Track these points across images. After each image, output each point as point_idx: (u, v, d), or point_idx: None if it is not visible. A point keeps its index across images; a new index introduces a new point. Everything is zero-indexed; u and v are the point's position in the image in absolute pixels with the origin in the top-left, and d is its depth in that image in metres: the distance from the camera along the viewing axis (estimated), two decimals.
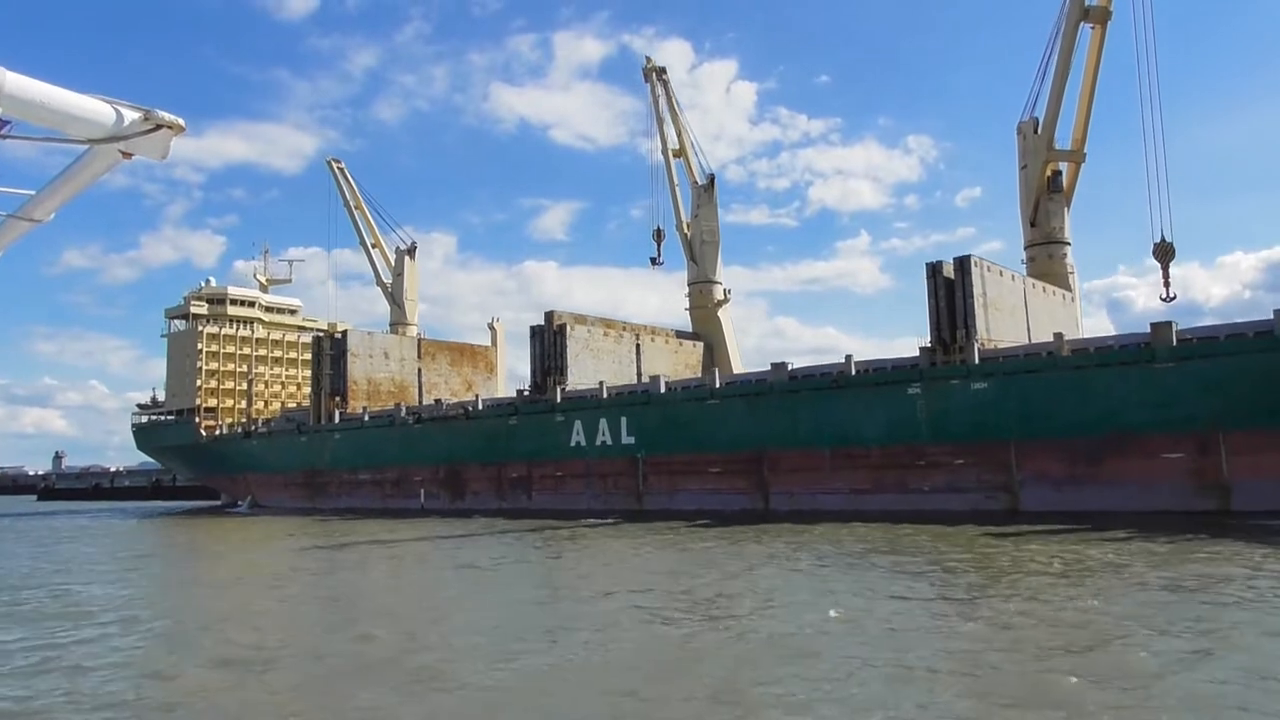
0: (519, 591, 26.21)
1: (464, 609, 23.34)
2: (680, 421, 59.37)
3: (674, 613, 20.88)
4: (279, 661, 16.96)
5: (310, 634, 20.41)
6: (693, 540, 38.83)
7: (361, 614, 23.04)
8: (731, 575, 27.26)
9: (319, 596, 27.36)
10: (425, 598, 26.43)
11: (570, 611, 22.19)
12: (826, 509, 51.15)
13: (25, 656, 17.90)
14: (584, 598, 24.36)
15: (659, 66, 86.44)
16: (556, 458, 65.09)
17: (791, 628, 18.56)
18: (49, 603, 25.90)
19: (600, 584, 26.64)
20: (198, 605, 24.03)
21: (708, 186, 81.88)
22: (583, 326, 69.89)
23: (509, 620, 20.85)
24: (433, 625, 20.62)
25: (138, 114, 5.76)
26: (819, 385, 53.98)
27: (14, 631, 20.94)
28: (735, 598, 23.07)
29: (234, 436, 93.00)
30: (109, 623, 21.89)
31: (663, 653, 16.97)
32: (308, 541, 47.77)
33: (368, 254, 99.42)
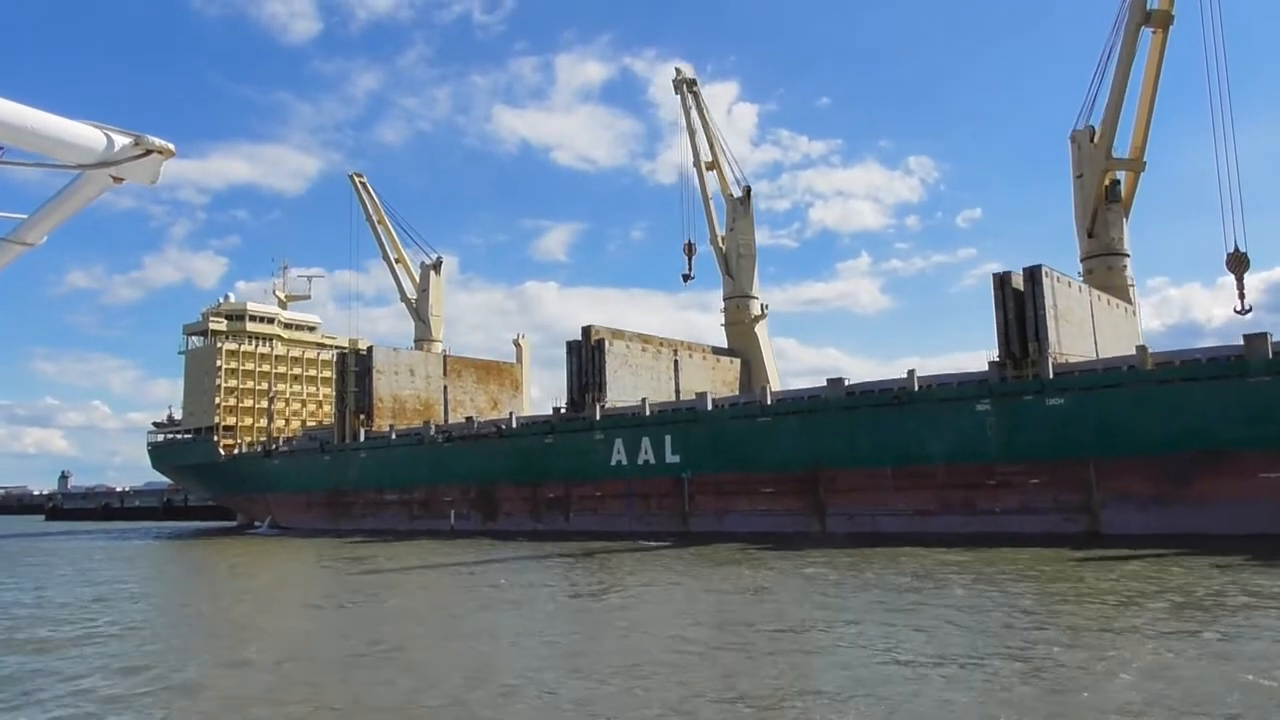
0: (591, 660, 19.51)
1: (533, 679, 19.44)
2: (729, 440, 57.12)
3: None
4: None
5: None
6: (775, 575, 35.69)
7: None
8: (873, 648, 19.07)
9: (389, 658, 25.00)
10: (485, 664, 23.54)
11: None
12: (888, 531, 48.93)
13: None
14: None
15: (690, 78, 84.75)
16: (596, 477, 62.80)
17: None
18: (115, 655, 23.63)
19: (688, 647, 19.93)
20: (254, 677, 20.18)
21: (743, 199, 80.00)
22: (621, 342, 67.74)
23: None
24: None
25: (128, 139, 5.71)
26: (879, 401, 51.75)
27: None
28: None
29: (254, 455, 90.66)
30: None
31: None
32: (345, 570, 45.42)
33: (391, 269, 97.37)
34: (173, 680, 18.08)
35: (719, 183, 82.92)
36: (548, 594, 30.82)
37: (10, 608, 30.81)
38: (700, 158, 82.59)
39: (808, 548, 44.39)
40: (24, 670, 19.24)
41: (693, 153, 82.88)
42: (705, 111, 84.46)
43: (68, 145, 5.44)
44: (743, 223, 78.99)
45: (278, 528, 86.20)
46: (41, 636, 23.91)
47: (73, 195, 5.98)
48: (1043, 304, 47.51)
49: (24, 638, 23.78)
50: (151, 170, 5.83)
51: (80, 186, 5.91)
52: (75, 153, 5.50)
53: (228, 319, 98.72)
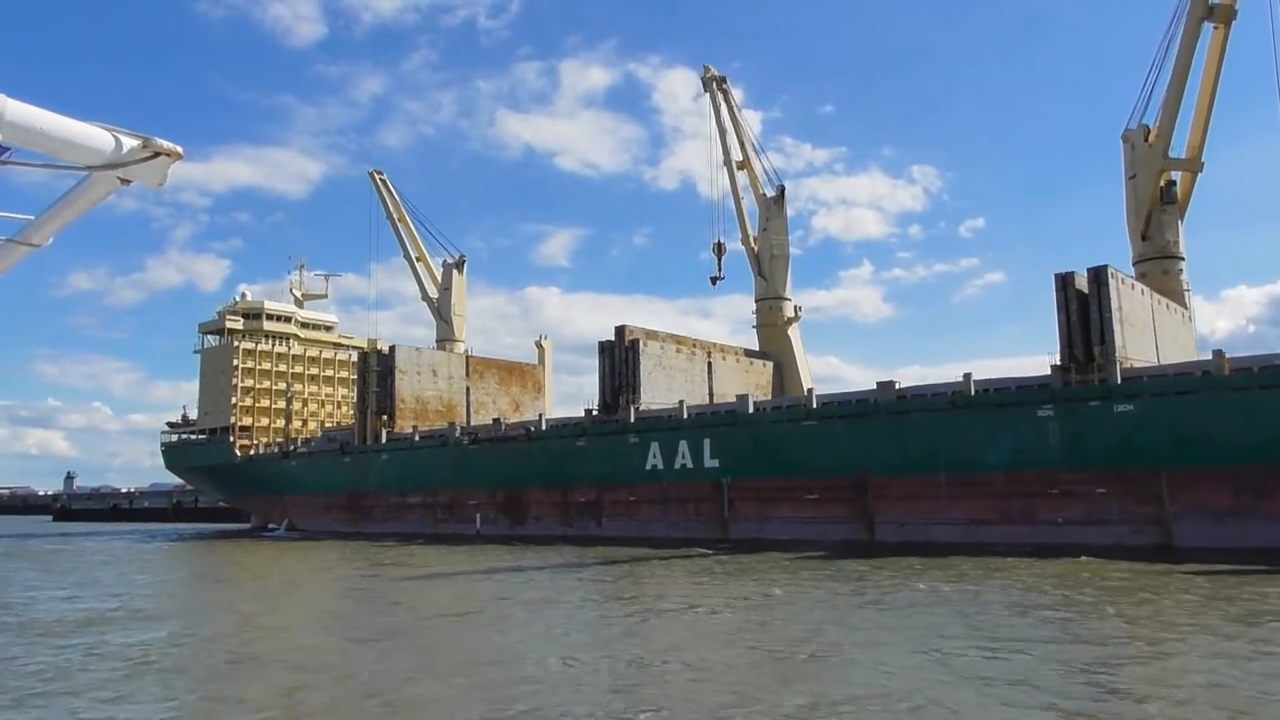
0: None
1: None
2: (772, 444, 55.25)
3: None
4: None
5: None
6: (839, 591, 33.54)
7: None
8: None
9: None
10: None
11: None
12: (942, 541, 46.97)
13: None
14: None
15: (719, 76, 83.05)
16: (630, 481, 60.92)
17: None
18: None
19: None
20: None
21: (777, 198, 78.20)
22: (655, 343, 65.92)
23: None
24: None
25: (136, 141, 5.67)
26: (932, 406, 49.89)
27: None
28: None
29: (271, 456, 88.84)
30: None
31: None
32: (378, 575, 43.54)
33: (412, 268, 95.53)
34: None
35: (749, 182, 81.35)
36: (614, 610, 28.92)
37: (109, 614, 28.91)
38: (730, 156, 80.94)
39: (862, 556, 42.59)
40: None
41: (723, 151, 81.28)
42: (735, 109, 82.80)
43: (76, 147, 5.39)
44: (776, 222, 77.20)
45: (295, 530, 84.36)
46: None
47: (80, 197, 5.92)
48: (1109, 306, 45.64)
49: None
50: (159, 172, 5.76)
51: (88, 188, 5.85)
52: (84, 154, 5.44)
53: (244, 317, 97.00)
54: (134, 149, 5.65)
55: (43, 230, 6.16)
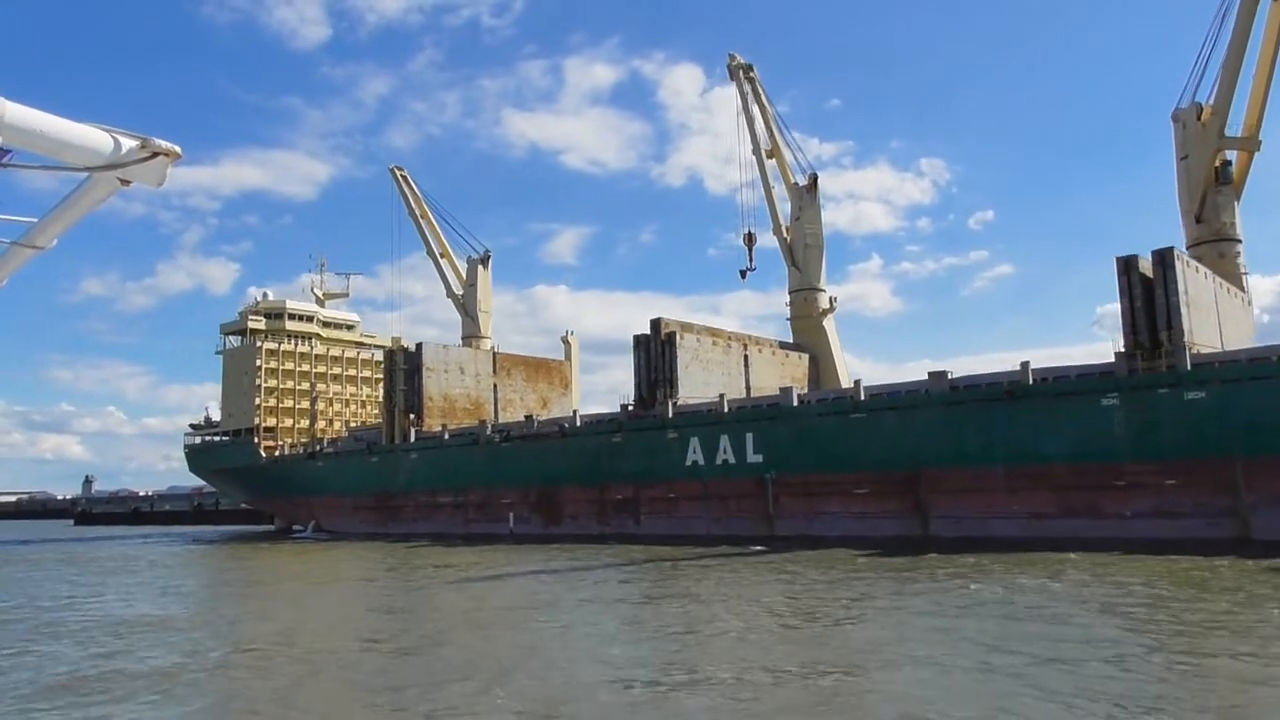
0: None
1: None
2: (818, 437, 53.65)
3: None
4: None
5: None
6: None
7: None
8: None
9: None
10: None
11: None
12: (1001, 535, 45.27)
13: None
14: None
15: (745, 63, 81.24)
16: (669, 478, 59.40)
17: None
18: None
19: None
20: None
21: (809, 186, 76.45)
22: (691, 335, 64.31)
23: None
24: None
25: (135, 142, 5.70)
26: (988, 396, 48.22)
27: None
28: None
29: (297, 457, 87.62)
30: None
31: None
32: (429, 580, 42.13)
33: (436, 264, 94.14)
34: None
35: (780, 171, 79.58)
36: (678, 618, 27.39)
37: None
38: (760, 145, 79.21)
39: (922, 552, 41.01)
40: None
41: (751, 140, 79.53)
42: (763, 96, 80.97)
43: (75, 148, 5.41)
44: (809, 211, 75.47)
45: (322, 532, 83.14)
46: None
47: (81, 198, 5.95)
48: (1175, 290, 43.82)
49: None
50: (158, 172, 5.76)
51: (88, 189, 5.87)
52: (83, 155, 5.45)
53: (266, 317, 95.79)
54: (132, 149, 5.65)
55: (46, 232, 6.16)
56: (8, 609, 31.96)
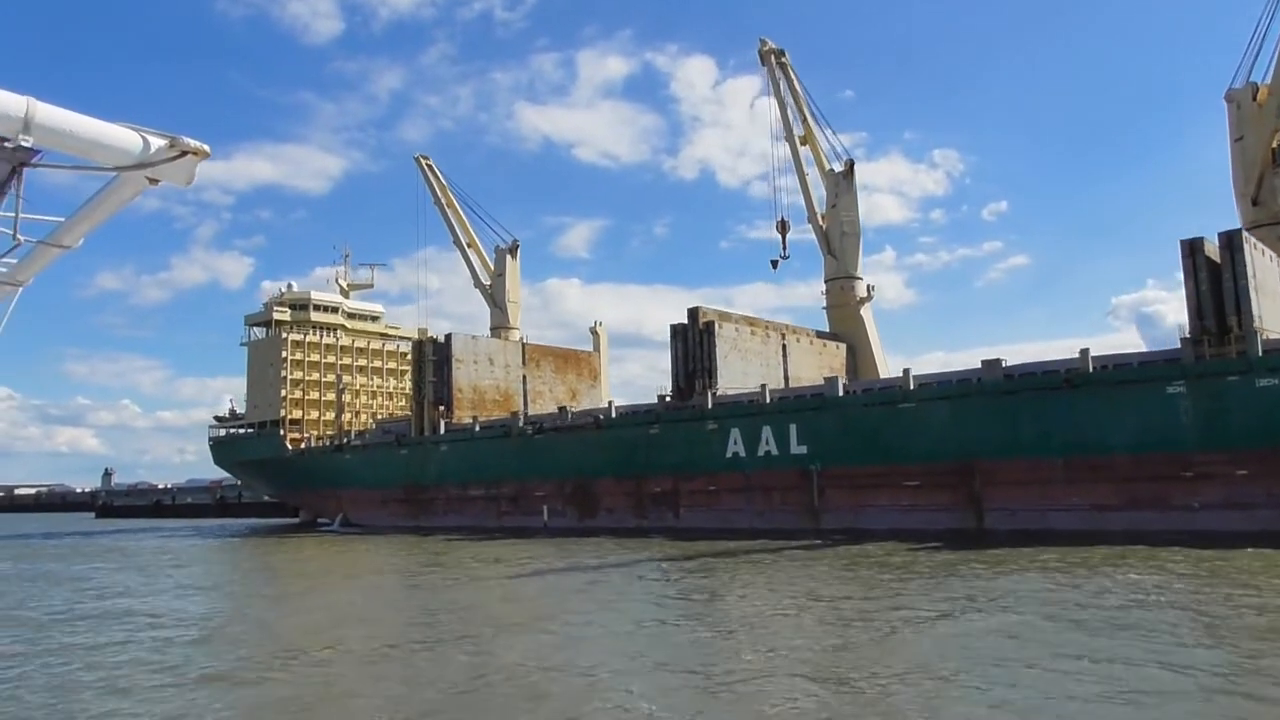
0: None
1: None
2: (865, 428, 52.34)
3: None
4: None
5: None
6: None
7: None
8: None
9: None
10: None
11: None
12: (1060, 528, 43.97)
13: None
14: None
15: (777, 49, 79.75)
16: (709, 470, 58.20)
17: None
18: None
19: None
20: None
21: (846, 173, 75.00)
22: (730, 324, 63.02)
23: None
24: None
25: (164, 141, 5.67)
26: (1045, 384, 46.81)
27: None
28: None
29: (324, 450, 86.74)
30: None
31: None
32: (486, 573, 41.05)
33: (463, 254, 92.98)
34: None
35: (813, 157, 78.16)
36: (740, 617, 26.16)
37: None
38: (792, 132, 77.77)
39: (982, 546, 39.77)
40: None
41: (785, 126, 78.13)
42: (796, 83, 79.46)
43: (105, 148, 5.39)
44: (846, 199, 74.02)
45: (349, 525, 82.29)
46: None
47: (109, 197, 5.89)
48: (1244, 274, 42.32)
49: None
50: (186, 171, 5.76)
51: (116, 188, 5.84)
52: (112, 155, 5.46)
53: (291, 308, 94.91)
54: (161, 149, 5.56)
55: (73, 232, 6.08)
56: (97, 605, 31.12)
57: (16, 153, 5.19)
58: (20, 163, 5.31)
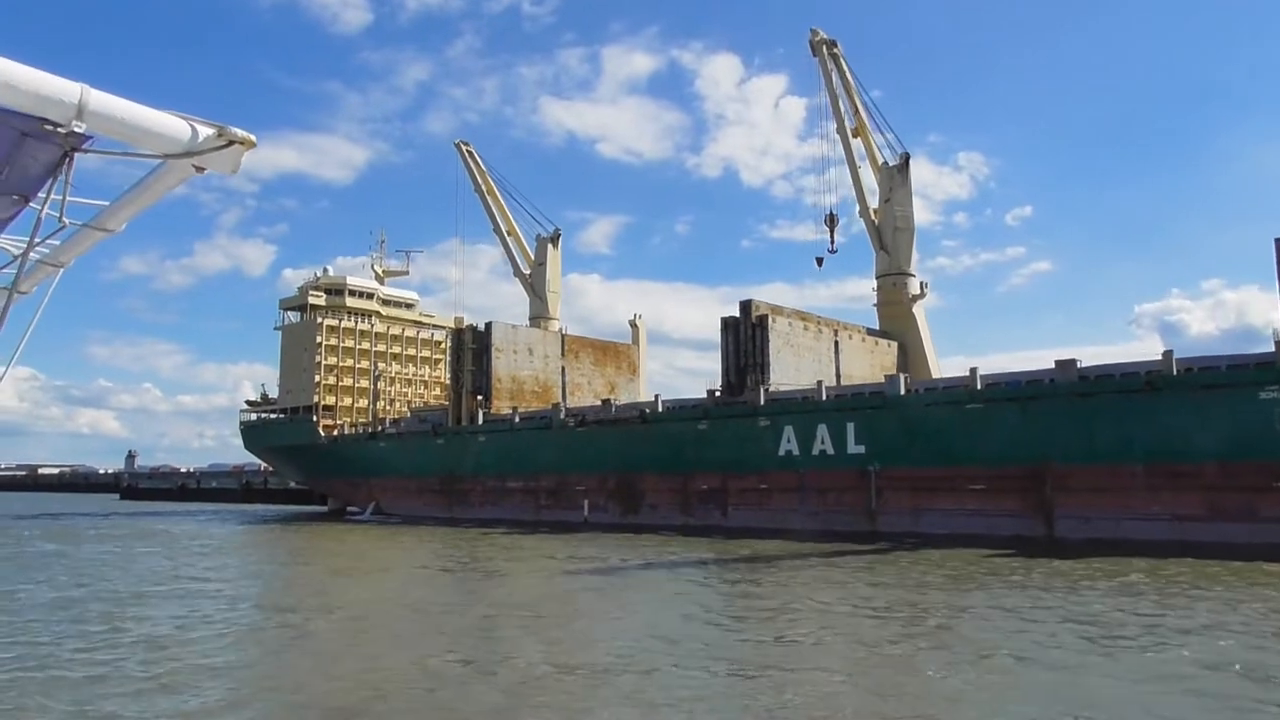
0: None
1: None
2: (928, 429, 50.36)
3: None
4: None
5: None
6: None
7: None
8: None
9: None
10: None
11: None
12: (1138, 538, 41.81)
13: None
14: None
15: (829, 39, 77.73)
16: (760, 468, 56.38)
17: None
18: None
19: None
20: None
21: (901, 166, 72.91)
22: (783, 319, 61.20)
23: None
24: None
25: (211, 130, 5.59)
26: (1124, 387, 44.68)
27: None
28: None
29: (359, 437, 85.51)
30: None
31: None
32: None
33: (503, 242, 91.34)
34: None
35: (865, 150, 76.15)
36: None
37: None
38: (845, 124, 75.72)
39: (1053, 555, 37.85)
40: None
41: (836, 119, 76.09)
42: (848, 74, 77.45)
43: (154, 135, 5.39)
44: (900, 193, 71.91)
45: (381, 514, 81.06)
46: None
47: (154, 184, 5.94)
48: None
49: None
50: (233, 161, 5.75)
51: (162, 175, 5.87)
52: (161, 143, 5.48)
53: (327, 293, 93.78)
54: (209, 137, 5.54)
55: (118, 216, 6.22)
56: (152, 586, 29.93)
57: (69, 138, 5.20)
58: (72, 148, 5.35)
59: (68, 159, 5.41)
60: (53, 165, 5.45)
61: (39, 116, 5.00)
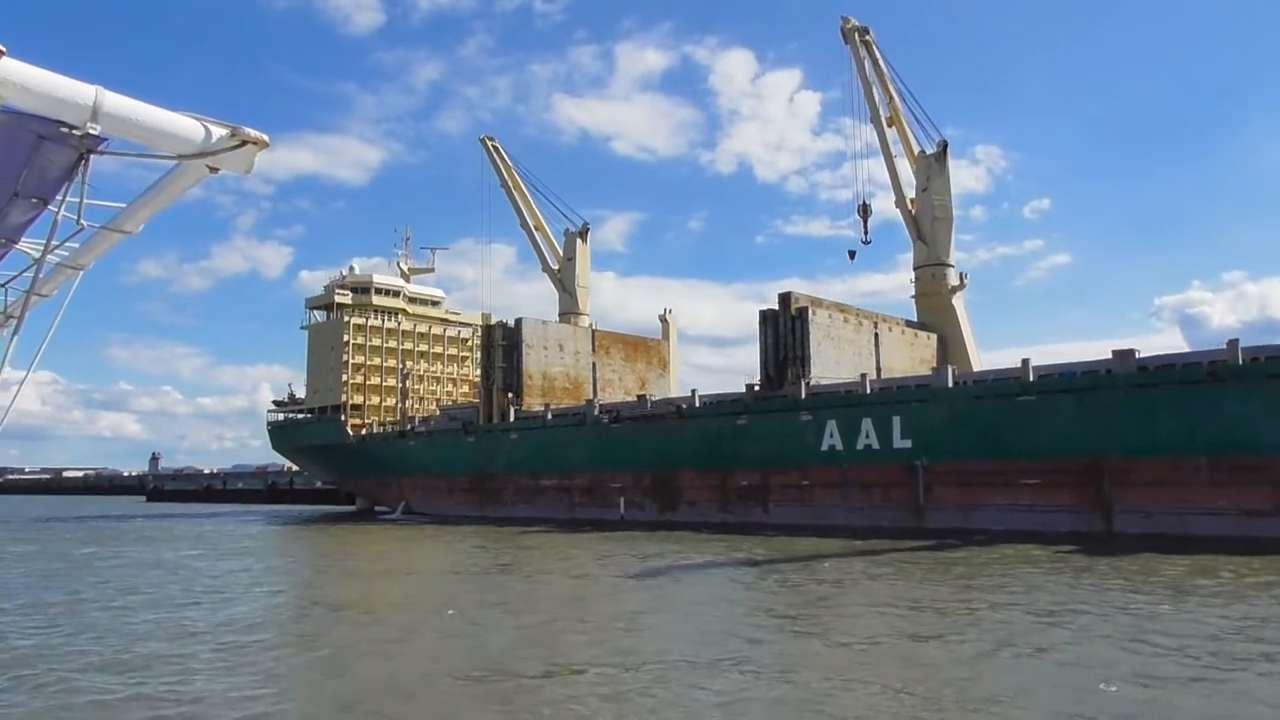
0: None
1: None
2: (978, 422, 49.06)
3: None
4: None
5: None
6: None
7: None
8: None
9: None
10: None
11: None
12: (1203, 534, 40.39)
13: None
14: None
15: (861, 26, 76.27)
16: (802, 464, 55.18)
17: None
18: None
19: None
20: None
21: (939, 155, 71.35)
22: (823, 310, 59.95)
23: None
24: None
25: (225, 130, 5.65)
26: (1187, 378, 43.20)
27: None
28: None
29: (388, 436, 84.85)
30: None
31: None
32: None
33: (530, 237, 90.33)
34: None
35: (901, 139, 74.68)
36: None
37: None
38: (879, 112, 74.28)
39: (1117, 551, 36.43)
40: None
41: (870, 107, 74.65)
42: (881, 61, 75.96)
43: (168, 136, 5.43)
44: (938, 181, 70.37)
45: (411, 513, 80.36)
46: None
47: (170, 185, 5.95)
48: None
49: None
50: (246, 161, 5.80)
51: (177, 177, 5.90)
52: (175, 144, 5.51)
53: (354, 292, 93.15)
54: (222, 138, 5.59)
55: (135, 218, 6.22)
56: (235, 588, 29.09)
57: (84, 140, 5.24)
58: (88, 150, 5.37)
59: (84, 161, 5.39)
60: (69, 168, 5.43)
61: (55, 119, 4.98)
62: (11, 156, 5.38)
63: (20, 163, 5.41)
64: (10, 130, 5.11)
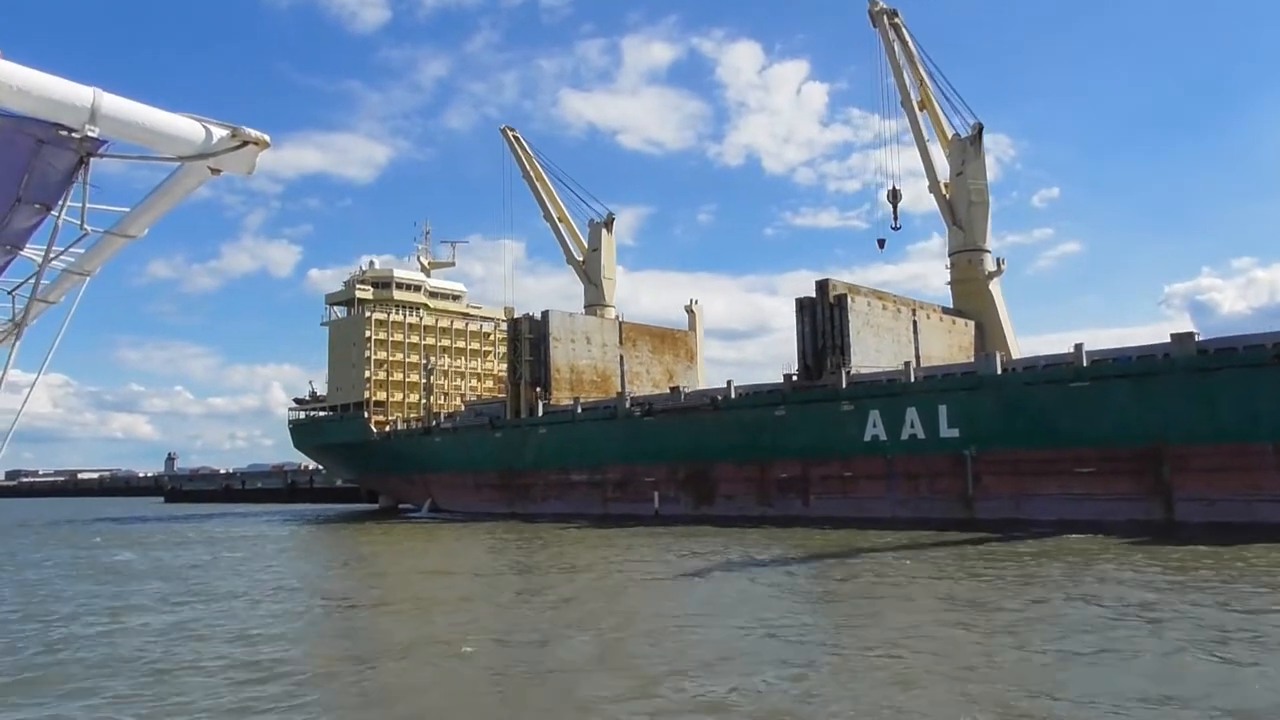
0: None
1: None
2: (1029, 409, 47.73)
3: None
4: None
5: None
6: None
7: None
8: None
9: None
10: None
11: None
12: (1271, 521, 39.10)
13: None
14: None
15: (889, 8, 74.85)
16: (844, 455, 53.94)
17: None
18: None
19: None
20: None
21: (974, 138, 69.99)
22: (861, 298, 58.67)
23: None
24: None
25: (225, 131, 5.54)
26: (1250, 361, 41.84)
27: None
28: None
29: (413, 433, 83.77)
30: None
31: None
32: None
33: (554, 230, 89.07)
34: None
35: (933, 123, 73.36)
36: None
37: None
38: (910, 96, 72.90)
39: (1182, 540, 35.19)
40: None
41: (900, 92, 73.31)
42: (911, 44, 74.55)
43: (168, 138, 5.37)
44: (973, 165, 69.06)
45: (438, 511, 79.37)
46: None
47: (173, 187, 5.90)
48: None
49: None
50: (248, 162, 5.75)
51: (179, 179, 5.82)
52: (175, 145, 5.43)
53: (374, 286, 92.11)
54: (223, 139, 5.48)
55: (139, 221, 6.19)
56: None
57: (84, 143, 5.13)
58: (87, 153, 5.27)
59: (84, 164, 5.33)
60: (70, 172, 5.36)
61: (54, 122, 4.92)
62: (12, 161, 5.25)
63: (21, 168, 5.28)
64: (9, 135, 4.98)
